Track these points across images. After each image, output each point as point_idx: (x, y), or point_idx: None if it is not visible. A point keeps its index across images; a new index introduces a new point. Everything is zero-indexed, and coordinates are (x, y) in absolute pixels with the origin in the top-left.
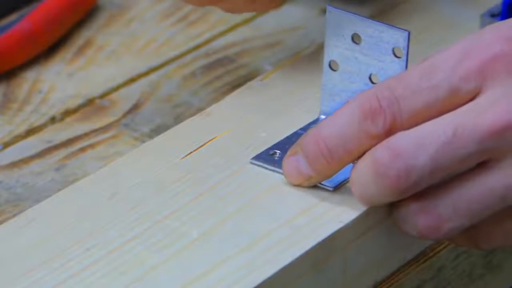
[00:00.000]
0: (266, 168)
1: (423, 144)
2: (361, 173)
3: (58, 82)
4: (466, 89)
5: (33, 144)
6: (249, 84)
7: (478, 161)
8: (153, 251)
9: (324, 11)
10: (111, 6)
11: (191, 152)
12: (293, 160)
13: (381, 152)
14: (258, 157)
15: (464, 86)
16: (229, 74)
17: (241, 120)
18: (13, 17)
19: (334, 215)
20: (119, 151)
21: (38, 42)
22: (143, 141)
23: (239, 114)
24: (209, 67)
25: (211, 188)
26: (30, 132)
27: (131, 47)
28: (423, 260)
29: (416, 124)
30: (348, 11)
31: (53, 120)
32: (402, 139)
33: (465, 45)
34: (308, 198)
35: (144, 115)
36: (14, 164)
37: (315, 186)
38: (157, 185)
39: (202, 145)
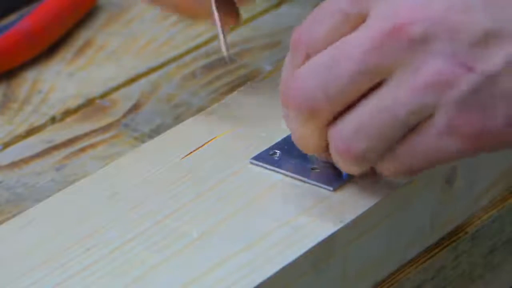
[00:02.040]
0: (266, 168)
1: (314, 72)
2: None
3: (58, 82)
4: (354, 13)
5: (33, 144)
6: (249, 84)
7: (370, 84)
8: (153, 251)
9: None
10: (111, 6)
11: (191, 152)
12: None
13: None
14: (258, 157)
15: (351, 10)
16: (229, 74)
17: (241, 120)
18: (13, 17)
19: (334, 215)
20: (119, 151)
21: (38, 42)
22: (143, 141)
23: (239, 114)
24: (209, 67)
25: (211, 188)
26: (30, 132)
27: (131, 47)
28: (423, 260)
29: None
30: None
31: (53, 120)
32: (303, 69)
33: None
34: (308, 198)
35: (144, 115)
36: (14, 164)
37: (315, 186)
38: (157, 185)
39: (202, 145)
